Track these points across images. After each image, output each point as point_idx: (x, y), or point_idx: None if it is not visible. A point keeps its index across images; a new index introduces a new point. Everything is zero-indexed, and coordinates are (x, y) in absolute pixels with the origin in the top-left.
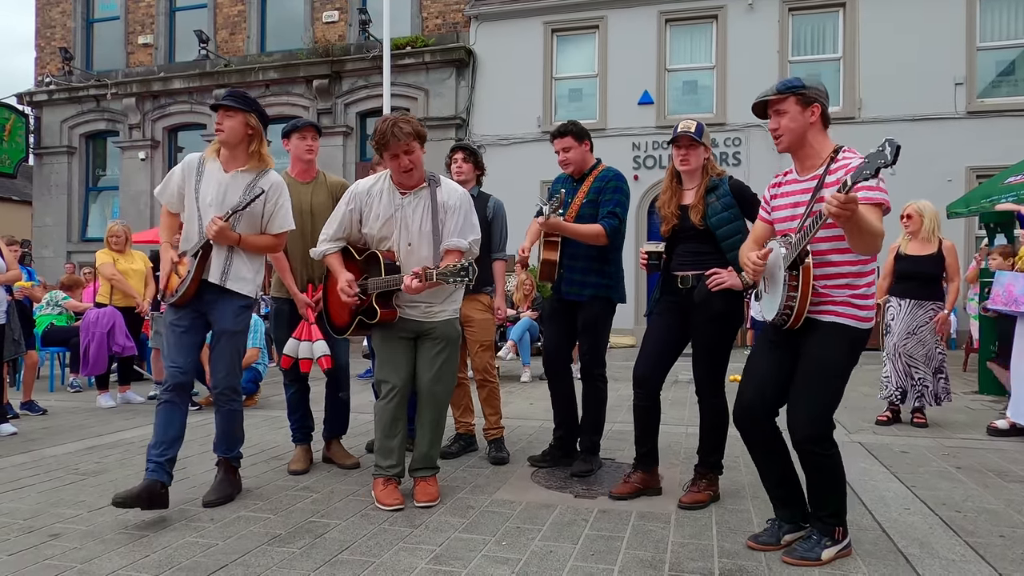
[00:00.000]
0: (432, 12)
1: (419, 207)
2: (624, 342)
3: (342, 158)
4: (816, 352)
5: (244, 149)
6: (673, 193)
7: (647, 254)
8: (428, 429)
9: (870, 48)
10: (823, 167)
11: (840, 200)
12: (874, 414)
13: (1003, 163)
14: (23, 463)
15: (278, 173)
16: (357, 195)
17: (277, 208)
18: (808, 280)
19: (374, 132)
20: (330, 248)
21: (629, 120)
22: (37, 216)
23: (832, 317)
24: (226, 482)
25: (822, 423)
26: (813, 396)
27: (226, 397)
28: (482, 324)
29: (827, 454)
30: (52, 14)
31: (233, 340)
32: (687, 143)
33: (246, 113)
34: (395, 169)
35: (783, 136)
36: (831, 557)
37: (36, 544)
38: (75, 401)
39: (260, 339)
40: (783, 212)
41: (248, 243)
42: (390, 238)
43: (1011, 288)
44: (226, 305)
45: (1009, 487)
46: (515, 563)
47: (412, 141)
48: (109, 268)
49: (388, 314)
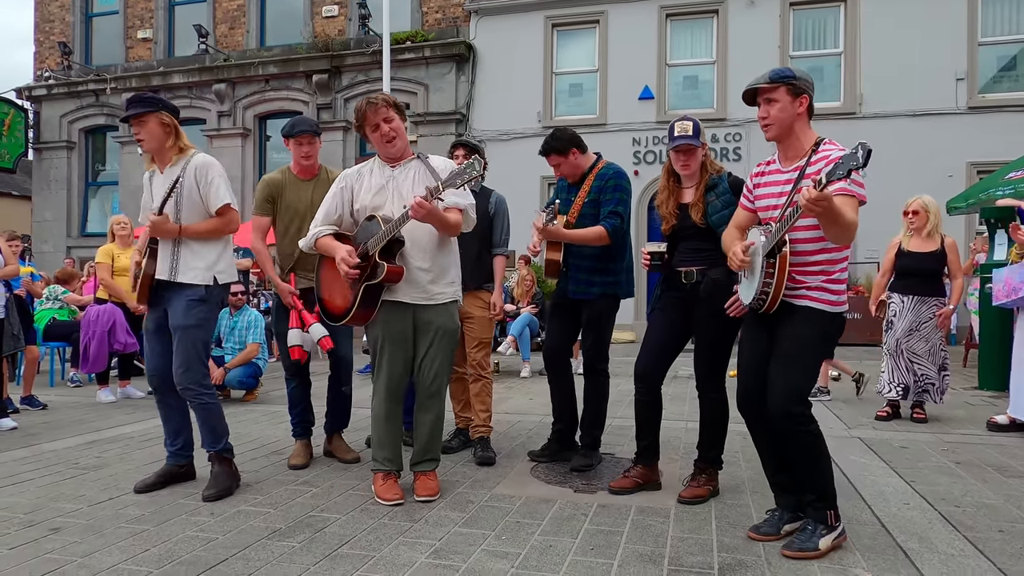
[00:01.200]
0: (432, 7)
1: (410, 175)
2: (624, 337)
3: (342, 153)
4: (790, 333)
5: (174, 147)
6: (671, 192)
7: (649, 254)
8: (428, 424)
9: (871, 43)
10: (804, 159)
11: (812, 197)
12: (873, 410)
13: (1004, 159)
14: (23, 457)
15: (204, 153)
16: (347, 175)
17: (208, 186)
18: (784, 268)
19: (355, 120)
20: (322, 231)
21: (629, 115)
22: (36, 211)
23: (807, 302)
24: (222, 475)
25: (797, 400)
26: (788, 375)
27: (192, 392)
28: (482, 322)
29: (806, 429)
30: (51, 8)
31: (188, 335)
32: (686, 150)
33: (156, 113)
34: (378, 142)
35: (772, 125)
36: (828, 546)
37: (36, 538)
38: (75, 396)
39: (260, 334)
40: (765, 201)
41: (191, 231)
42: (382, 207)
43: (1009, 280)
44: (177, 300)
45: (1008, 482)
46: (515, 557)
47: (389, 110)
48: (104, 270)
49: (394, 270)
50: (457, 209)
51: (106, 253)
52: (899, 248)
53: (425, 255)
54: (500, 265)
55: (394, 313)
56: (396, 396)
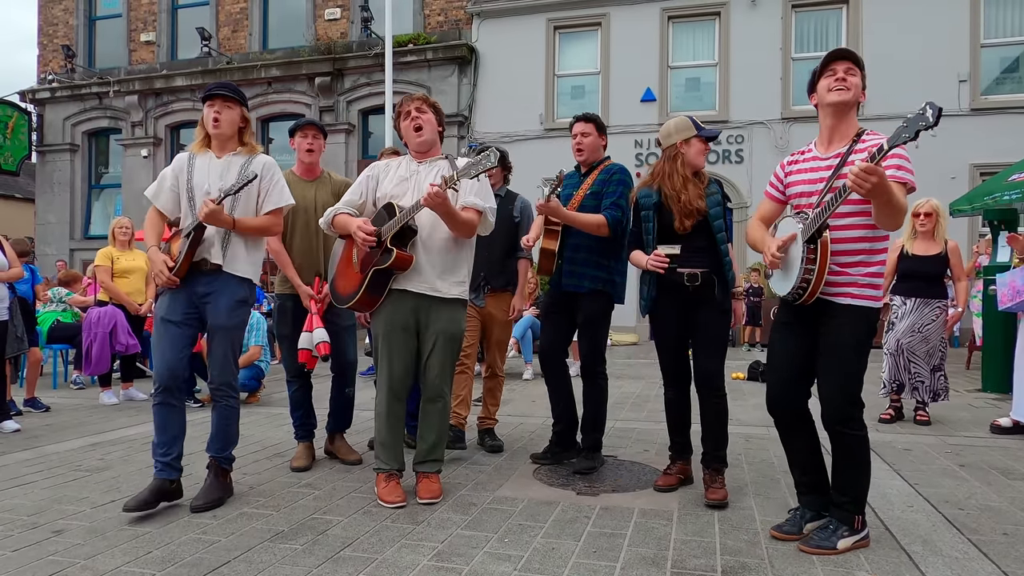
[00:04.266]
0: (434, 9)
1: (434, 172)
2: (626, 339)
3: (344, 156)
4: (837, 337)
5: (236, 140)
6: (693, 187)
7: (668, 257)
8: (433, 426)
9: (873, 45)
10: (847, 146)
11: (865, 168)
12: (877, 412)
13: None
14: (26, 460)
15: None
16: (376, 166)
17: (273, 184)
18: (826, 254)
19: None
20: (341, 208)
21: (632, 117)
22: (40, 214)
23: (848, 299)
24: (215, 486)
25: (852, 402)
26: (841, 379)
27: (223, 393)
28: (503, 325)
29: (857, 434)
30: (55, 11)
31: (228, 336)
32: (710, 141)
33: (242, 106)
34: (407, 129)
35: (851, 90)
36: (847, 547)
37: (39, 540)
38: (78, 398)
39: (262, 337)
40: (799, 188)
41: (243, 226)
42: (401, 197)
43: (1013, 283)
44: (223, 298)
45: (1012, 485)
46: (517, 560)
47: (423, 104)
48: (104, 273)
49: (403, 257)
50: (475, 210)
51: (105, 256)
52: (902, 251)
53: (435, 250)
54: (524, 268)
55: (399, 305)
56: (398, 394)
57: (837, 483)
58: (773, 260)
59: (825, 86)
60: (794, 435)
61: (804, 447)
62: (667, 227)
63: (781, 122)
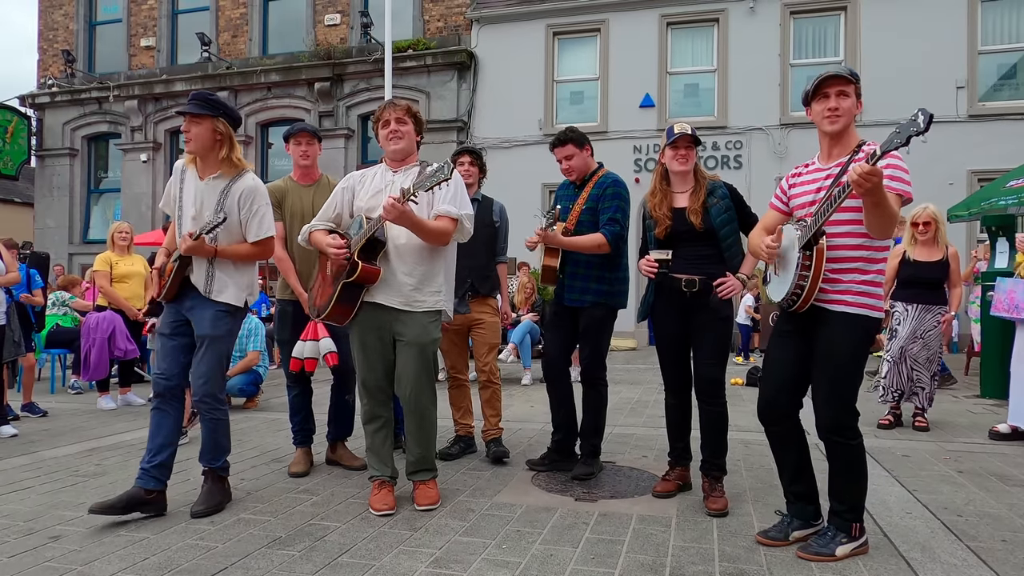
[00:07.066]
0: (434, 15)
1: (407, 181)
2: (625, 345)
3: (343, 161)
4: (832, 345)
5: (215, 156)
6: (664, 195)
7: (657, 262)
8: (417, 436)
9: (871, 51)
10: (848, 156)
11: (864, 171)
12: (875, 418)
13: (1004, 167)
14: (23, 465)
15: (255, 176)
16: (352, 177)
17: (252, 215)
18: (821, 260)
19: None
20: (317, 225)
21: (630, 123)
22: (39, 218)
23: (843, 307)
24: (214, 492)
25: (847, 413)
26: (835, 388)
27: (207, 405)
28: (491, 326)
29: (853, 443)
30: (55, 16)
31: (213, 346)
32: (686, 143)
33: (213, 118)
34: (384, 139)
35: (842, 117)
36: (846, 554)
37: (36, 546)
38: (76, 403)
39: (261, 342)
40: (803, 198)
41: (227, 253)
42: (376, 209)
43: (1012, 294)
44: (205, 310)
45: (1011, 491)
46: (515, 566)
47: (404, 113)
48: (102, 278)
49: (369, 270)
50: (449, 218)
51: (104, 260)
52: (903, 257)
53: (410, 260)
54: (503, 272)
55: (371, 317)
56: (378, 401)
57: (834, 491)
58: (770, 252)
59: (819, 112)
60: (784, 444)
61: (793, 456)
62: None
63: (779, 128)
